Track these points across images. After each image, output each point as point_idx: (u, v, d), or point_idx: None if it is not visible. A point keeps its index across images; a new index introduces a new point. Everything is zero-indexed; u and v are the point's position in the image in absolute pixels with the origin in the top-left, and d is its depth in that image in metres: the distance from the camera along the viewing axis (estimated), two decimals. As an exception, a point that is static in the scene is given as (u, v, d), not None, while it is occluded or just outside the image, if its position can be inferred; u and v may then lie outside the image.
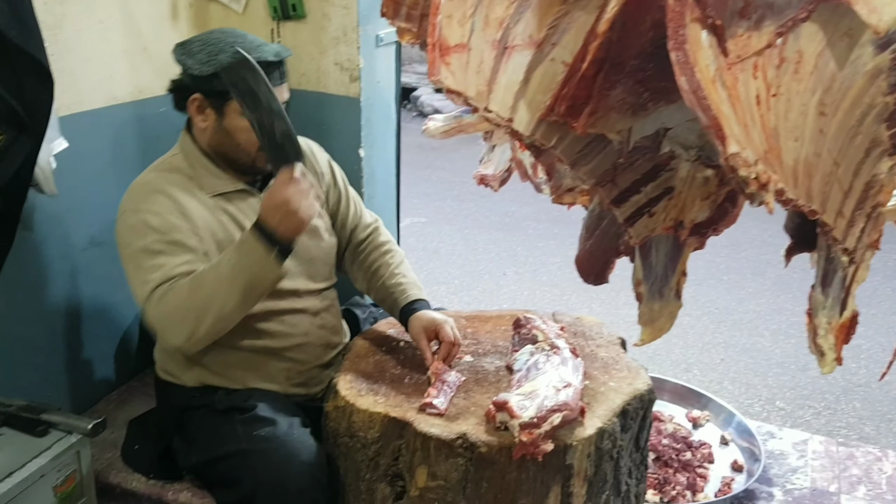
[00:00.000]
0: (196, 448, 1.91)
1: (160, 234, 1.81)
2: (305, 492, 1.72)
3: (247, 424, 1.83)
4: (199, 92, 1.86)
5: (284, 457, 1.74)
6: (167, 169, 1.94)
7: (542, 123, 1.31)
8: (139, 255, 1.81)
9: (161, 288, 1.77)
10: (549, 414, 1.62)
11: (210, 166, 1.94)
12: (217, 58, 1.81)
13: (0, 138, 1.78)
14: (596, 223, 1.73)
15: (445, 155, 7.16)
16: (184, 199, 1.87)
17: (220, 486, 1.87)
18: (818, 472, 2.65)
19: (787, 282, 4.64)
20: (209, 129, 1.91)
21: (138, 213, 1.84)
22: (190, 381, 1.98)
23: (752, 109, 1.10)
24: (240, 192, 1.96)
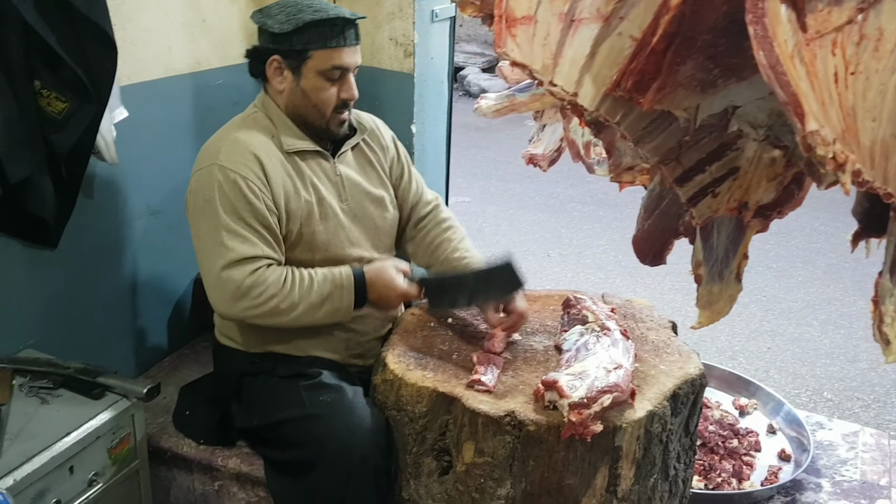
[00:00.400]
0: (256, 412, 1.94)
1: (248, 204, 1.84)
2: (368, 459, 1.75)
3: (312, 390, 1.86)
4: (278, 53, 1.90)
5: (350, 423, 1.77)
6: (252, 126, 1.96)
7: (608, 99, 1.29)
8: (223, 216, 1.83)
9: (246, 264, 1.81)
10: (599, 395, 1.61)
11: (290, 124, 1.97)
12: (296, 17, 1.85)
13: (64, 106, 1.82)
14: (656, 203, 1.70)
15: (491, 135, 7.13)
16: (270, 163, 1.89)
17: (279, 449, 1.89)
18: (868, 464, 2.60)
19: (837, 271, 4.55)
20: (287, 90, 1.94)
21: (230, 171, 1.85)
22: (252, 346, 2.01)
23: (830, 87, 1.07)
24: (317, 154, 2.00)
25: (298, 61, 1.89)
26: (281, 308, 1.83)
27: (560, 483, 1.68)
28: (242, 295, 1.81)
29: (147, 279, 2.38)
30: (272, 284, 1.82)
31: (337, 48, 1.88)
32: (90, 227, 2.13)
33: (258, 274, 1.82)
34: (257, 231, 1.85)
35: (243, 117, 2.00)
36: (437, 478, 1.77)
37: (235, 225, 1.83)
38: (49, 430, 1.72)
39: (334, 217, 1.98)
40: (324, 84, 1.90)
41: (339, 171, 2.02)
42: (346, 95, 1.94)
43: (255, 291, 1.81)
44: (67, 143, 1.85)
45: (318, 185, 1.96)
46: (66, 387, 1.86)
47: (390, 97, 2.60)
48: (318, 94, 1.91)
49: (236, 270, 1.81)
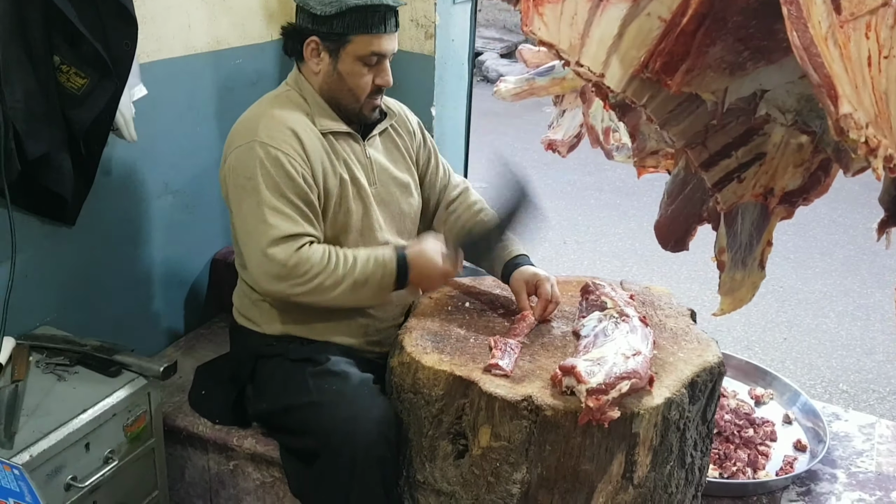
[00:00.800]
0: (267, 395, 1.94)
1: (291, 181, 1.83)
2: (372, 448, 1.74)
3: (318, 377, 1.86)
4: (317, 35, 1.88)
5: (354, 412, 1.76)
6: (287, 105, 1.95)
7: (635, 80, 1.27)
8: (266, 193, 1.82)
9: (291, 242, 1.80)
10: (617, 381, 1.60)
11: (324, 104, 1.96)
12: (339, 1, 1.83)
13: (84, 82, 1.81)
14: (679, 188, 1.68)
15: (509, 121, 7.09)
16: (307, 139, 1.89)
17: (288, 434, 1.90)
18: (885, 456, 2.58)
19: (855, 263, 4.51)
20: (322, 72, 1.93)
21: (272, 148, 1.83)
22: (269, 328, 2.00)
23: (864, 70, 1.05)
24: (348, 136, 1.99)
25: (337, 44, 1.88)
26: (325, 285, 1.82)
27: (576, 468, 1.67)
28: (288, 273, 1.80)
29: (164, 258, 2.38)
30: (317, 262, 1.81)
31: (377, 34, 1.87)
32: (108, 205, 2.13)
33: (303, 251, 1.81)
34: (299, 208, 1.84)
35: (276, 94, 1.99)
36: (452, 461, 1.77)
37: (278, 202, 1.82)
38: (65, 407, 1.72)
39: (366, 198, 1.98)
40: (361, 69, 1.89)
41: (368, 154, 2.01)
42: (381, 81, 1.93)
43: (300, 269, 1.80)
44: (86, 120, 1.84)
45: (351, 165, 1.96)
46: (82, 364, 1.86)
47: (410, 79, 2.58)
48: (355, 78, 1.91)
49: (281, 248, 1.80)
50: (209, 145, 2.42)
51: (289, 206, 1.82)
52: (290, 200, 1.83)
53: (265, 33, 2.54)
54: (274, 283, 1.83)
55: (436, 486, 1.80)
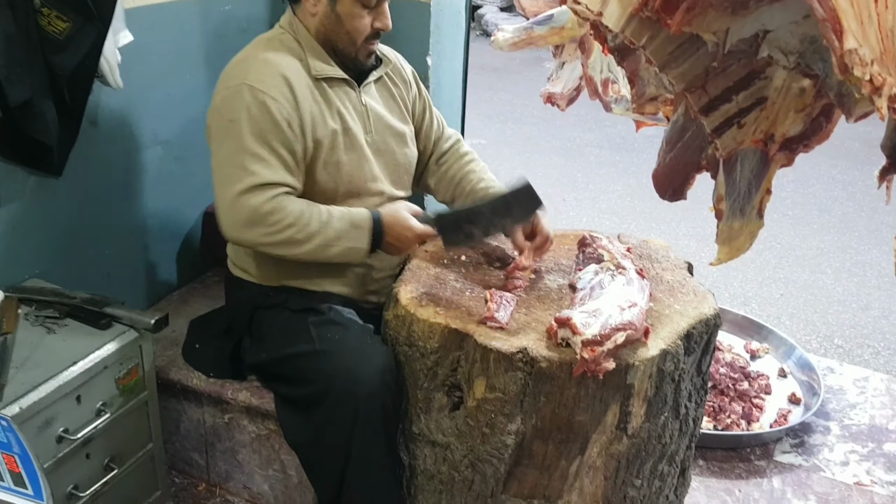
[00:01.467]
0: (266, 345, 1.93)
1: (276, 128, 1.79)
2: (375, 396, 1.74)
3: (320, 326, 1.85)
4: None
5: (356, 361, 1.76)
6: (280, 48, 1.90)
7: (634, 19, 1.23)
8: (248, 138, 1.78)
9: (265, 190, 1.77)
10: (612, 332, 1.59)
11: (319, 49, 1.92)
12: None
13: (66, 25, 1.76)
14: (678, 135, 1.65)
15: (507, 77, 7.01)
16: (299, 87, 1.85)
17: (288, 384, 1.89)
18: (878, 409, 2.60)
19: (853, 220, 4.49)
20: (320, 13, 1.88)
21: (260, 93, 1.80)
22: (266, 279, 1.98)
23: (870, 6, 1.01)
24: (343, 82, 1.95)
25: None
26: (296, 238, 1.79)
27: (571, 419, 1.67)
28: (259, 220, 1.77)
29: (155, 211, 2.35)
30: (290, 213, 1.78)
31: None
32: (96, 155, 2.10)
33: (278, 200, 1.78)
34: (281, 156, 1.80)
35: (269, 38, 1.94)
36: (447, 413, 1.77)
37: (260, 148, 1.78)
38: (55, 360, 1.71)
39: (360, 148, 1.94)
40: (360, 11, 1.85)
41: (364, 102, 1.97)
42: (380, 25, 1.90)
43: (272, 218, 1.77)
44: (69, 65, 1.80)
45: (345, 114, 1.92)
46: (72, 316, 1.85)
47: (406, 27, 2.51)
48: (353, 20, 1.86)
49: (256, 195, 1.77)
50: (199, 94, 2.37)
51: (270, 154, 1.79)
52: (272, 148, 1.79)
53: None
54: (243, 231, 1.80)
55: (431, 437, 1.81)
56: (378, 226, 1.85)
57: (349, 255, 1.86)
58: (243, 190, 1.77)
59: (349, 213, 1.85)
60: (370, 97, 2.00)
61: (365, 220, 1.84)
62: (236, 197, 1.77)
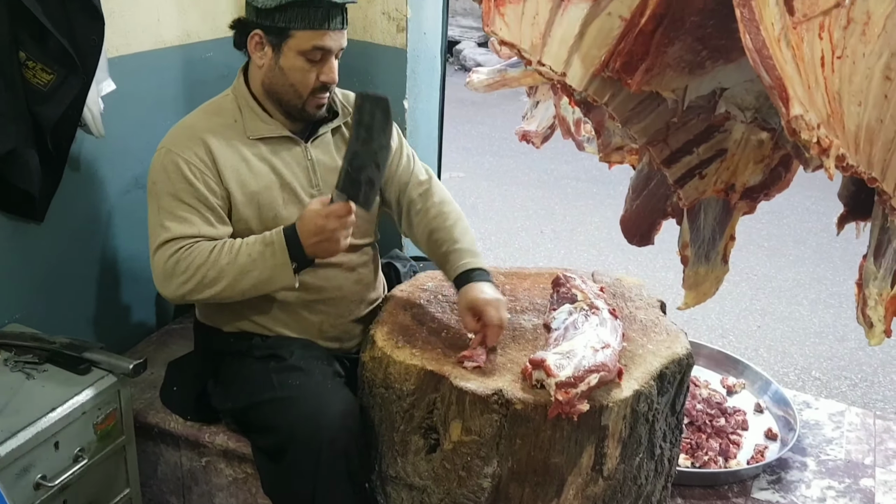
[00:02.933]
0: (231, 394, 1.94)
1: (188, 185, 1.81)
2: (337, 441, 1.74)
3: (281, 373, 1.85)
4: (261, 28, 1.85)
5: (316, 406, 1.76)
6: (213, 111, 1.94)
7: (596, 79, 1.28)
8: (165, 198, 1.82)
9: (176, 242, 1.79)
10: (586, 374, 1.61)
11: (258, 110, 1.94)
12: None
13: (50, 77, 1.79)
14: (644, 183, 1.70)
15: (486, 110, 7.09)
16: (218, 148, 1.86)
17: (255, 432, 1.90)
18: (853, 444, 2.62)
19: (828, 251, 4.56)
20: (265, 66, 1.90)
21: (175, 155, 1.83)
22: (228, 326, 1.99)
23: (817, 71, 1.06)
24: (284, 140, 1.95)
25: (279, 38, 1.84)
26: (210, 276, 1.77)
27: (546, 461, 1.68)
28: (171, 272, 1.78)
29: (135, 253, 2.36)
30: (198, 255, 1.78)
31: (320, 30, 1.83)
32: (77, 200, 2.12)
33: (186, 249, 1.79)
34: (197, 211, 1.82)
35: (211, 101, 1.97)
36: (424, 455, 1.77)
37: (175, 207, 1.81)
38: (34, 406, 1.71)
39: (300, 203, 1.93)
40: (303, 64, 1.85)
41: (310, 156, 1.97)
42: (325, 78, 1.89)
43: (181, 266, 1.77)
44: (53, 116, 1.83)
45: (282, 170, 1.92)
46: (51, 362, 1.85)
47: (382, 72, 2.57)
48: (296, 74, 1.87)
49: (164, 249, 1.79)
50: (180, 140, 2.40)
51: (184, 210, 1.81)
52: (186, 203, 1.81)
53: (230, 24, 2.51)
54: (165, 285, 1.81)
55: (408, 480, 1.81)
56: (291, 233, 1.77)
57: (275, 276, 1.78)
58: (157, 247, 1.80)
59: (261, 236, 1.82)
60: (321, 150, 1.99)
61: (276, 235, 1.79)
62: (153, 254, 1.81)
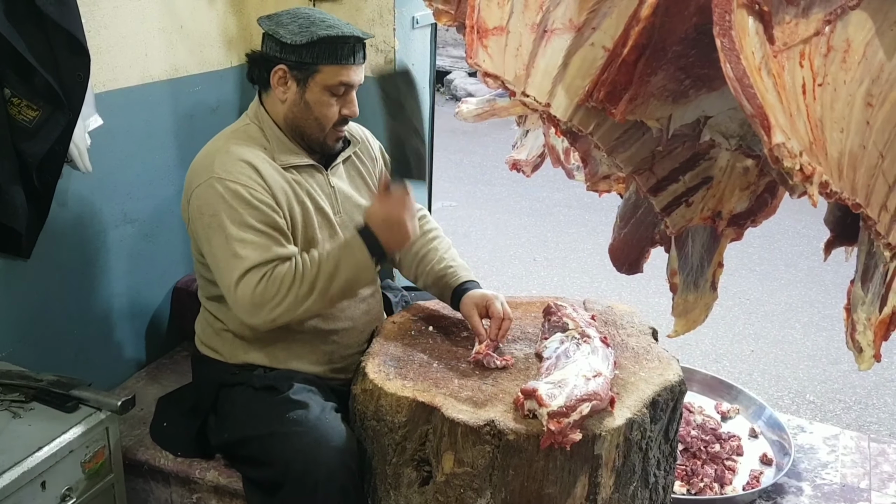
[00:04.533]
0: (229, 425, 1.93)
1: (254, 209, 1.82)
2: (334, 477, 1.73)
3: (279, 406, 1.84)
4: (285, 63, 1.88)
5: (314, 441, 1.75)
6: (244, 138, 1.94)
7: (580, 109, 1.29)
8: (231, 227, 1.81)
9: (257, 270, 1.79)
10: (578, 403, 1.60)
11: (284, 139, 1.96)
12: (309, 29, 1.84)
13: (35, 114, 1.80)
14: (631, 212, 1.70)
15: (477, 139, 7.13)
16: (265, 170, 1.88)
17: (250, 465, 1.88)
18: (849, 467, 2.61)
19: (819, 274, 4.57)
20: (289, 101, 1.92)
21: (230, 182, 1.83)
22: (232, 357, 1.99)
23: (798, 99, 1.07)
24: (309, 167, 1.98)
25: (306, 73, 1.88)
26: (301, 293, 1.80)
27: (540, 492, 1.67)
28: (260, 301, 1.79)
29: (124, 289, 2.36)
30: (284, 277, 1.80)
31: (346, 65, 1.88)
32: (65, 236, 2.11)
33: (267, 276, 1.80)
34: (266, 234, 1.83)
35: (234, 129, 1.98)
36: (417, 488, 1.76)
37: (245, 233, 1.81)
38: (20, 445, 1.69)
39: (331, 227, 1.98)
40: (328, 99, 1.90)
41: (332, 184, 2.01)
42: (347, 112, 1.94)
43: (269, 292, 1.79)
44: (39, 152, 1.83)
45: (315, 196, 1.96)
46: (38, 400, 1.83)
47: (371, 104, 2.58)
48: (322, 108, 1.91)
49: (249, 279, 1.79)
50: (169, 173, 2.41)
51: (256, 235, 1.81)
52: (255, 229, 1.82)
53: (224, 60, 2.54)
54: (254, 315, 1.81)
55: (401, 513, 1.80)
56: (364, 230, 1.84)
57: (359, 275, 1.85)
58: (238, 278, 1.79)
59: (335, 243, 1.89)
60: (338, 178, 2.05)
61: (352, 237, 1.85)
62: (234, 287, 1.80)
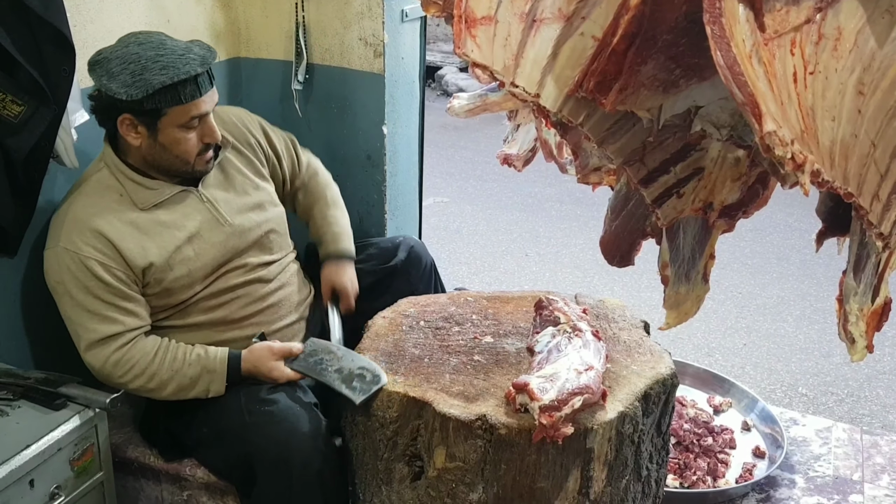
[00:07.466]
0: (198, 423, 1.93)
1: (101, 282, 1.81)
2: (309, 464, 1.74)
3: (249, 397, 1.86)
4: (129, 112, 1.81)
5: (286, 430, 1.76)
6: (95, 191, 1.89)
7: (570, 99, 1.28)
8: (79, 294, 1.81)
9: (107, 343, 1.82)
10: (569, 397, 1.60)
11: (140, 179, 1.91)
12: (143, 77, 1.74)
13: (20, 109, 1.78)
14: (622, 204, 1.70)
15: (468, 135, 7.11)
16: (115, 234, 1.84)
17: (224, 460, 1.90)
18: (841, 459, 2.61)
19: (811, 267, 4.58)
20: (143, 145, 1.86)
21: (73, 254, 1.81)
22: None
23: (789, 87, 1.06)
24: (176, 195, 1.94)
25: (153, 118, 1.81)
26: (149, 387, 1.86)
27: (532, 486, 1.67)
28: (108, 374, 1.84)
29: (113, 285, 2.33)
30: (138, 362, 1.83)
31: (192, 101, 1.81)
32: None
33: (121, 353, 1.82)
34: (116, 306, 1.82)
35: (86, 181, 1.92)
36: (408, 483, 1.76)
37: (92, 304, 1.81)
38: (8, 443, 1.68)
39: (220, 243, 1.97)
40: (184, 135, 1.84)
41: (205, 198, 1.98)
42: (208, 140, 1.90)
43: (118, 371, 1.83)
44: (25, 147, 1.81)
45: (186, 225, 1.93)
46: (25, 398, 1.82)
47: (360, 98, 2.57)
48: (179, 145, 1.85)
49: (97, 352, 1.82)
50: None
51: (103, 307, 1.81)
52: (103, 301, 1.81)
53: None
54: (102, 377, 1.87)
55: (392, 509, 1.79)
56: (235, 367, 1.89)
57: (208, 393, 1.90)
58: (87, 347, 1.83)
59: (205, 356, 1.88)
60: (213, 188, 2.01)
61: (221, 365, 1.87)
62: (83, 353, 1.84)
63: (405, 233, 2.81)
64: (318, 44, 2.55)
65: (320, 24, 2.52)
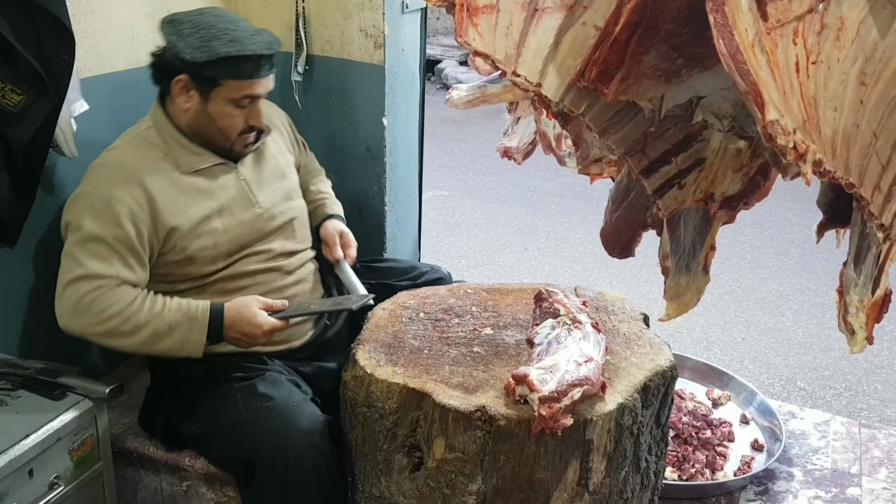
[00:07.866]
0: (197, 417, 1.92)
1: (118, 228, 1.80)
2: (305, 458, 1.73)
3: (246, 392, 1.85)
4: (187, 73, 1.84)
5: (282, 425, 1.76)
6: (141, 145, 1.91)
7: (572, 89, 1.28)
8: (88, 234, 1.79)
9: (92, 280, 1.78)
10: (569, 388, 1.60)
11: (186, 143, 1.93)
12: (210, 44, 1.78)
13: (20, 98, 1.77)
14: (623, 195, 1.69)
15: (468, 128, 7.11)
16: (154, 184, 1.85)
17: (221, 455, 1.90)
18: (839, 453, 2.62)
19: (810, 262, 4.59)
20: (192, 110, 1.89)
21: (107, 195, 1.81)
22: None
23: (791, 76, 1.06)
24: (217, 167, 1.96)
25: (208, 86, 1.84)
26: (122, 329, 1.78)
27: (531, 477, 1.67)
28: (83, 310, 1.77)
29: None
30: (116, 303, 1.78)
31: (249, 80, 1.84)
32: (51, 223, 2.09)
33: (103, 290, 1.78)
34: (119, 255, 1.81)
35: (133, 135, 1.95)
36: (408, 474, 1.76)
37: (97, 247, 1.79)
38: (7, 433, 1.67)
39: (247, 223, 1.98)
40: (232, 111, 1.87)
41: (242, 176, 2.00)
42: (253, 122, 1.92)
43: (95, 307, 1.77)
44: (24, 137, 1.80)
45: (220, 196, 1.94)
46: (25, 388, 1.81)
47: (360, 89, 2.57)
48: (226, 119, 1.88)
49: (81, 285, 1.77)
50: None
51: (105, 248, 1.79)
52: (110, 247, 1.80)
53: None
54: (70, 319, 1.80)
55: (392, 499, 1.79)
56: (218, 318, 1.83)
57: (185, 347, 1.83)
58: (71, 280, 1.78)
59: (186, 305, 1.84)
60: (248, 168, 2.03)
61: (202, 314, 1.82)
62: (65, 286, 1.79)
63: (404, 226, 2.82)
64: (319, 35, 2.55)
65: (320, 15, 2.52)
